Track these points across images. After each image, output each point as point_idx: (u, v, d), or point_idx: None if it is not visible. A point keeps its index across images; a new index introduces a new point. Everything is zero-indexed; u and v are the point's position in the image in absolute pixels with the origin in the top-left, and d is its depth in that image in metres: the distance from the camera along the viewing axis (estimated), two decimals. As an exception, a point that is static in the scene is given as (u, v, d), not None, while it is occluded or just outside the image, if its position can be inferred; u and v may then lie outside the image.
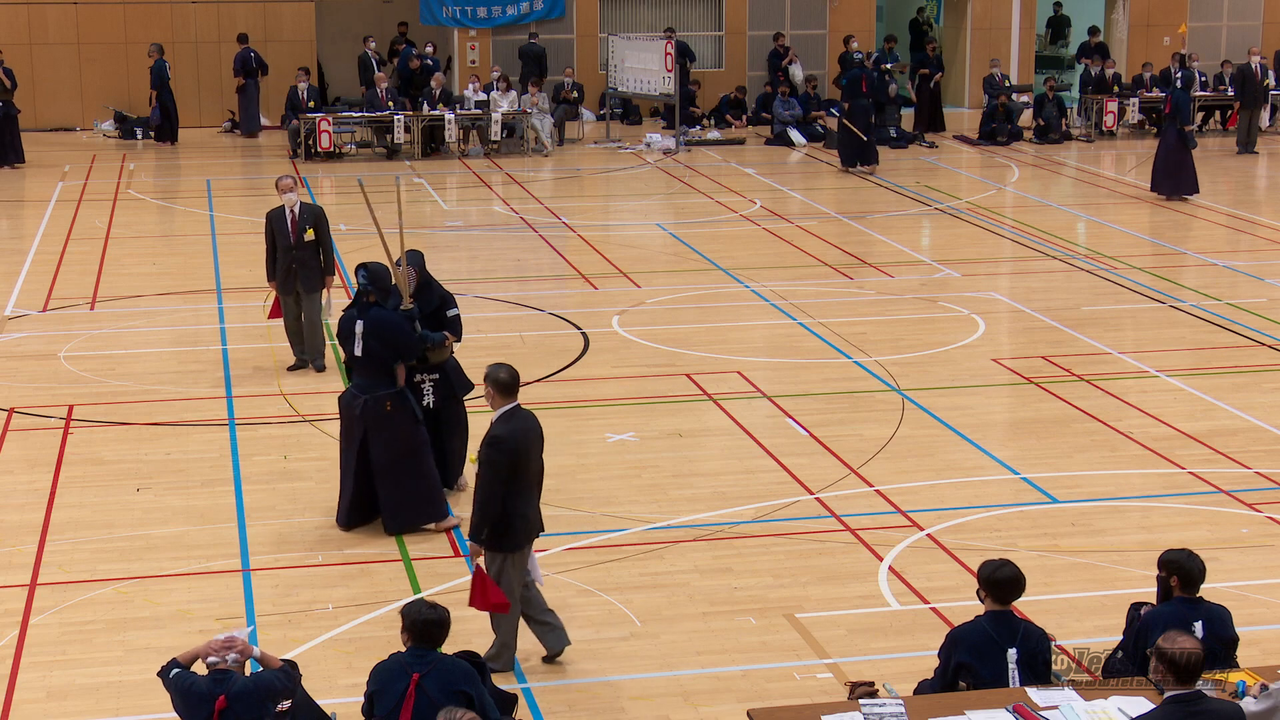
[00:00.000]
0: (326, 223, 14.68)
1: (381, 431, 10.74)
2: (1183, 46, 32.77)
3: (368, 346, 10.70)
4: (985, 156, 28.27)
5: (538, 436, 8.92)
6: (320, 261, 14.55)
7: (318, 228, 14.48)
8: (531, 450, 8.85)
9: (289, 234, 14.43)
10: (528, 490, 8.85)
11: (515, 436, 8.72)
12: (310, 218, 14.49)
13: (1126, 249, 20.08)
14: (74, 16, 30.95)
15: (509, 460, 8.68)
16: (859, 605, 9.89)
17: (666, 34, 29.71)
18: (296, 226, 14.43)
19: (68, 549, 10.74)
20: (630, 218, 23.18)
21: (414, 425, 10.87)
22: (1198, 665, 6.51)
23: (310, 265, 14.48)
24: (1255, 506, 11.45)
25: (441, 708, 6.80)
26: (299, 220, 14.45)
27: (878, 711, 7.07)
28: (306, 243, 14.44)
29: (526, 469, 8.80)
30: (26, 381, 14.55)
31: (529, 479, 8.85)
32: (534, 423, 8.93)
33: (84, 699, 8.75)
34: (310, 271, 14.49)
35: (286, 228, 14.45)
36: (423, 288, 11.44)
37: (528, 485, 8.84)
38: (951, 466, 12.32)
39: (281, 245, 14.46)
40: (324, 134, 27.15)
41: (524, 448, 8.76)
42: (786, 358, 15.23)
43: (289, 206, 14.45)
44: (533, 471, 8.89)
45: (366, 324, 10.68)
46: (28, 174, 26.30)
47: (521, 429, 8.78)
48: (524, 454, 8.76)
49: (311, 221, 14.47)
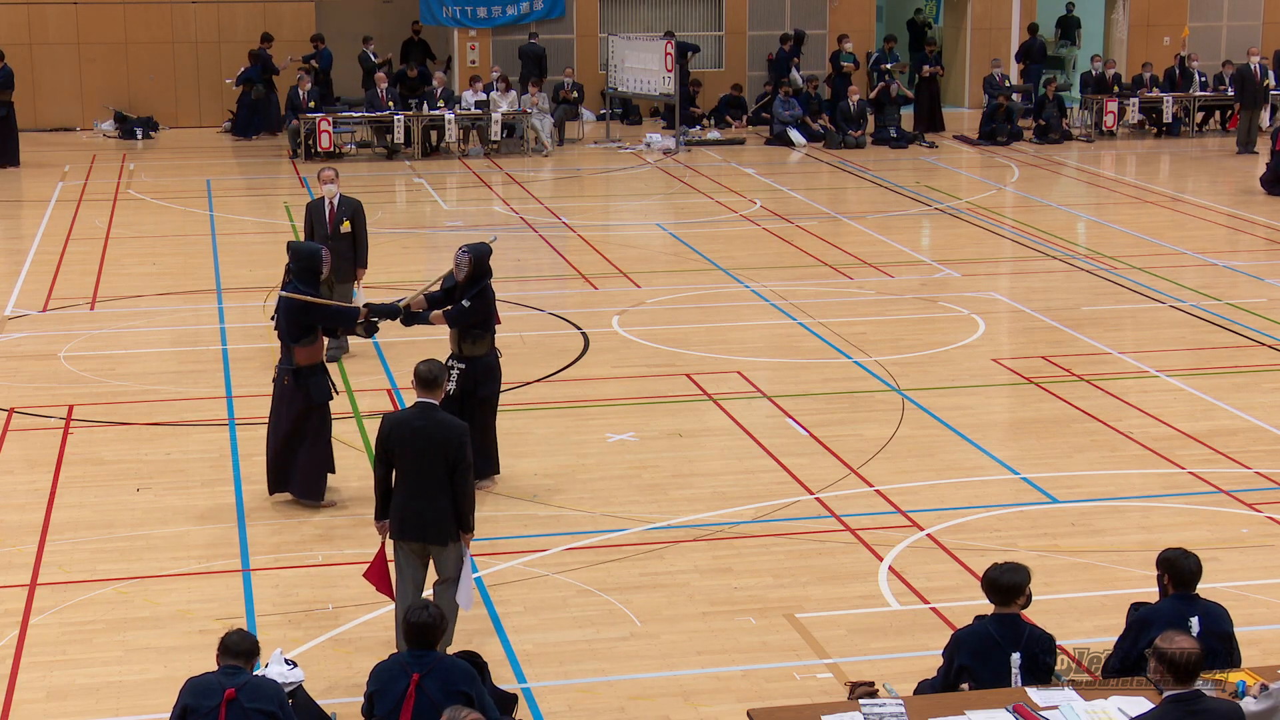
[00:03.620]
0: (364, 216, 14.98)
1: (281, 405, 11.30)
2: (1183, 48, 32.77)
3: (277, 324, 11.31)
4: (985, 156, 28.27)
5: (420, 437, 8.80)
6: (355, 253, 14.79)
7: (355, 220, 14.79)
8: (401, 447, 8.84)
9: (326, 224, 14.72)
10: (404, 484, 8.88)
11: (386, 425, 8.95)
12: (348, 210, 14.83)
13: (1126, 249, 20.09)
14: (74, 16, 30.95)
15: (379, 444, 8.94)
16: (859, 605, 9.89)
17: (666, 36, 29.71)
18: (334, 218, 14.75)
19: (68, 549, 10.74)
20: (630, 218, 23.18)
21: (305, 406, 11.23)
22: (1196, 665, 6.51)
23: (345, 256, 14.67)
24: (1255, 506, 11.45)
25: (441, 708, 6.81)
26: (337, 212, 14.76)
27: (878, 711, 7.07)
28: (343, 234, 14.73)
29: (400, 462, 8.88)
30: (26, 381, 14.56)
31: (403, 473, 8.88)
32: (424, 423, 8.84)
33: (84, 699, 8.75)
34: (344, 262, 14.64)
35: (325, 218, 14.75)
36: (474, 279, 11.63)
37: (404, 479, 8.88)
38: (951, 466, 12.32)
39: (319, 235, 14.69)
40: (324, 134, 27.16)
41: (389, 440, 8.88)
42: (786, 358, 15.23)
43: (328, 198, 14.80)
44: (405, 470, 8.87)
45: (278, 302, 11.18)
46: (28, 174, 26.30)
47: (398, 421, 8.96)
48: (387, 447, 8.90)
49: (349, 214, 14.81)
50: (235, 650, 7.10)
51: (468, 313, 11.55)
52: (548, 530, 10.82)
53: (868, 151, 28.70)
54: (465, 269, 11.66)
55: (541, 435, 12.93)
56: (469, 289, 11.61)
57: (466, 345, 11.59)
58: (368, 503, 9.42)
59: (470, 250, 11.74)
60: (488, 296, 11.65)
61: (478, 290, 11.59)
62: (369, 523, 11.11)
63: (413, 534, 8.90)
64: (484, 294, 11.63)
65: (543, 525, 10.93)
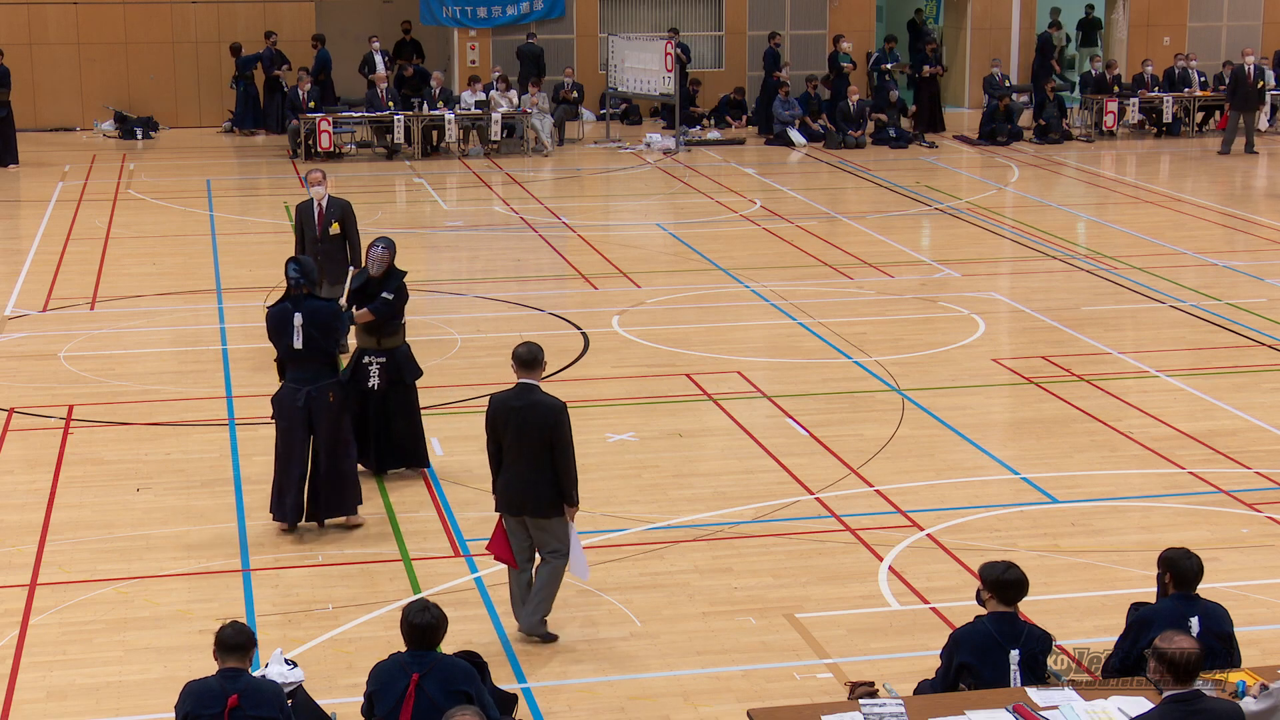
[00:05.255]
0: (353, 217, 14.93)
1: (323, 422, 10.87)
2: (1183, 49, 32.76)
3: (308, 337, 10.80)
4: (985, 156, 28.27)
5: (519, 417, 9.18)
6: (346, 254, 14.78)
7: (344, 221, 14.74)
8: (503, 427, 9.22)
9: (316, 226, 14.70)
10: (517, 464, 9.20)
11: (491, 407, 9.29)
12: (337, 211, 14.78)
13: (1126, 249, 20.08)
14: (74, 16, 30.94)
15: (489, 424, 9.32)
16: (859, 605, 9.89)
17: (670, 34, 29.71)
18: (323, 219, 14.70)
19: (68, 549, 10.74)
20: (630, 218, 23.18)
21: (349, 417, 11.13)
22: (1196, 665, 6.51)
23: (336, 258, 14.68)
24: (1255, 506, 11.45)
25: (441, 708, 6.81)
26: (325, 213, 14.72)
27: (878, 711, 7.07)
28: (332, 236, 14.70)
29: (501, 442, 9.24)
30: (26, 381, 14.56)
31: (505, 452, 9.24)
32: (521, 403, 9.20)
33: (84, 699, 8.75)
34: (335, 264, 14.68)
35: (314, 220, 14.72)
36: (393, 271, 11.92)
37: (517, 459, 9.19)
38: (951, 466, 12.32)
39: (309, 237, 14.70)
40: (324, 134, 27.15)
41: (493, 421, 9.26)
42: (786, 358, 15.23)
43: (317, 200, 14.75)
44: (506, 447, 9.22)
45: (305, 315, 10.80)
46: (27, 174, 26.30)
47: (500, 402, 9.27)
48: (493, 427, 9.27)
49: (338, 215, 14.76)
50: (232, 645, 7.08)
51: (392, 305, 11.81)
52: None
53: (868, 151, 28.70)
54: (384, 263, 11.89)
55: (541, 435, 12.91)
56: (386, 283, 11.84)
57: (385, 338, 11.85)
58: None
59: (388, 245, 11.99)
60: (405, 288, 11.96)
61: (397, 283, 11.86)
62: (366, 524, 11.15)
63: (514, 508, 9.25)
64: (402, 286, 11.92)
65: (543, 525, 10.91)
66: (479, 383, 14.02)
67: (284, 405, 10.89)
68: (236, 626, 7.17)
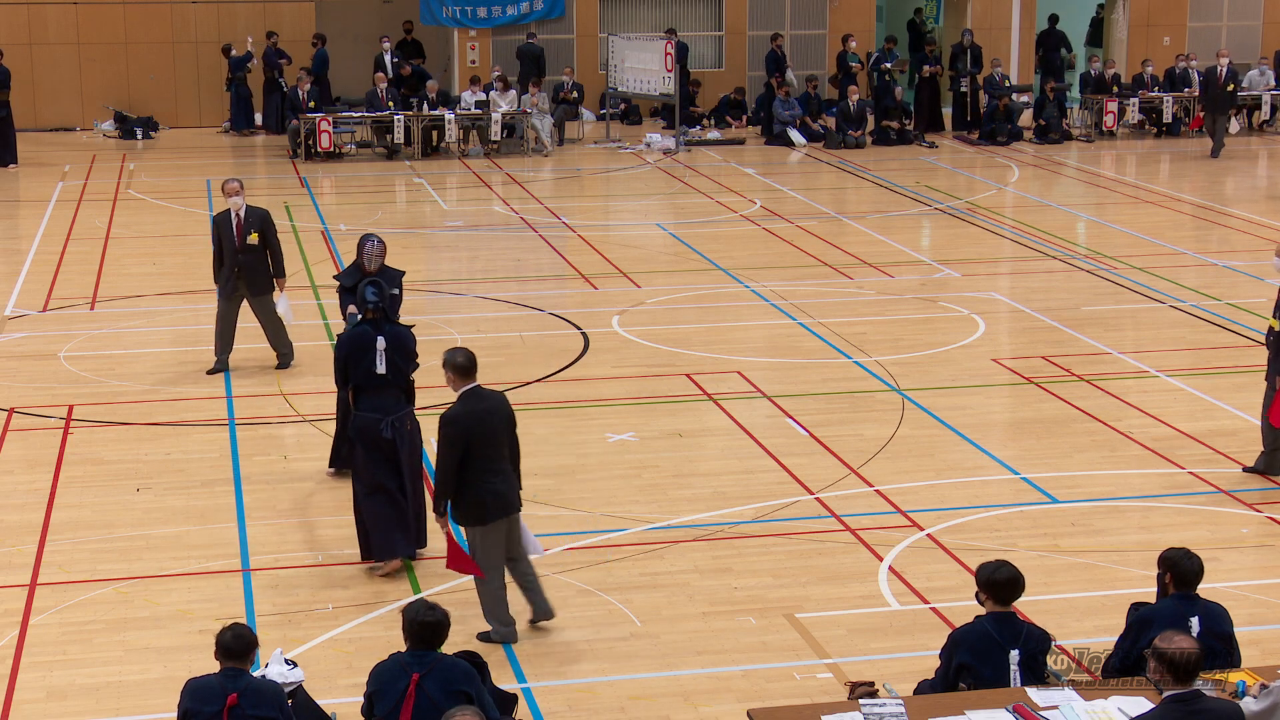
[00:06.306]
0: (273, 226, 14.56)
1: (402, 451, 10.31)
2: (1183, 49, 32.75)
3: (392, 363, 10.28)
4: (985, 156, 28.27)
5: (500, 415, 9.20)
6: (268, 265, 14.48)
7: (264, 230, 14.38)
8: (494, 428, 9.14)
9: (234, 237, 14.36)
10: (494, 466, 9.12)
11: (470, 416, 9.08)
12: (256, 221, 14.40)
13: (1126, 249, 20.08)
14: (74, 16, 30.94)
15: (462, 438, 9.02)
16: (859, 605, 9.89)
17: (668, 34, 29.71)
18: (242, 230, 14.35)
19: (68, 549, 10.74)
20: (630, 218, 23.18)
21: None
22: (1196, 665, 6.51)
23: (257, 269, 14.42)
24: (1255, 506, 11.46)
25: (441, 708, 6.81)
26: (244, 224, 14.37)
27: (878, 711, 7.07)
28: (251, 246, 14.35)
29: (489, 445, 9.11)
30: (26, 381, 14.56)
31: (494, 455, 9.13)
32: (495, 402, 9.24)
33: (84, 699, 8.75)
34: (257, 275, 14.43)
35: (232, 231, 14.36)
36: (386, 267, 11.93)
37: (493, 461, 9.12)
38: (951, 466, 12.32)
39: (228, 249, 14.37)
40: (324, 134, 27.15)
41: (480, 426, 9.09)
42: (786, 358, 15.23)
43: (234, 210, 14.38)
44: (498, 448, 9.15)
45: (389, 340, 10.30)
46: (27, 174, 26.30)
47: (479, 409, 9.13)
48: (480, 432, 9.08)
49: (258, 225, 14.38)
50: (232, 650, 7.08)
51: (398, 301, 11.74)
52: (548, 530, 10.81)
53: (868, 151, 28.70)
54: (380, 258, 11.83)
55: (541, 435, 12.92)
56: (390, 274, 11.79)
57: None
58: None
59: (380, 240, 11.92)
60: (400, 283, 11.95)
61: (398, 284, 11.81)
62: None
63: (512, 507, 9.21)
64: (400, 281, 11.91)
65: (543, 525, 10.92)
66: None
67: (367, 436, 10.26)
68: (237, 631, 7.15)
